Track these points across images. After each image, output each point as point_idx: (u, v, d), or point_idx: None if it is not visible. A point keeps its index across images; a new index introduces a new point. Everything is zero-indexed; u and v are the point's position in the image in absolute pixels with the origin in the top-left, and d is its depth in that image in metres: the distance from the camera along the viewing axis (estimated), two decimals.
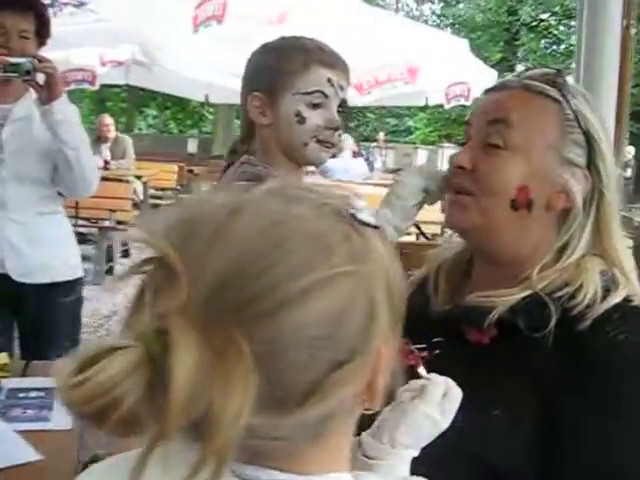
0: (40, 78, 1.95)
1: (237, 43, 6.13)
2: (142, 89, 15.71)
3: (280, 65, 1.33)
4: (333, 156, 7.25)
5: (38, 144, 2.02)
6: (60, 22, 5.52)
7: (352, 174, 6.85)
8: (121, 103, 21.81)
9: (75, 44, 6.52)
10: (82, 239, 5.11)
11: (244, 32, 5.84)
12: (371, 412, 0.60)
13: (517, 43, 20.59)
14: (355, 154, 9.19)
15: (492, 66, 11.29)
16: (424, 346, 0.97)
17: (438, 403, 0.76)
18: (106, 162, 6.92)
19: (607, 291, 0.88)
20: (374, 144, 15.04)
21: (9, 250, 1.88)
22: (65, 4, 5.79)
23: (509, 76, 1.03)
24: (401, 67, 7.02)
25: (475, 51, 9.12)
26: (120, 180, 5.87)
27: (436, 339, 0.97)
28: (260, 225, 0.50)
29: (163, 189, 8.67)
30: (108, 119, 7.37)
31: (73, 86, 8.97)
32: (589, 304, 0.86)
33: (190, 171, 8.83)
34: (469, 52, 8.00)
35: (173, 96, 14.69)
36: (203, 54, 6.62)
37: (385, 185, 6.56)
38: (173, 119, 22.91)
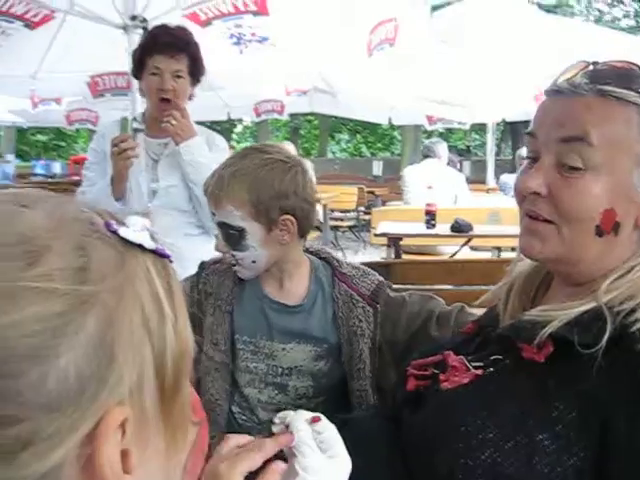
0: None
1: (411, 64, 6.19)
2: (333, 116, 16.31)
3: None
4: (511, 172, 6.99)
5: (184, 178, 2.19)
6: (247, 58, 5.88)
7: None
8: (314, 130, 22.70)
9: (262, 77, 6.92)
10: None
11: (416, 52, 5.88)
12: None
13: None
14: None
15: None
16: (481, 364, 0.93)
17: (312, 447, 0.77)
18: None
19: None
20: None
21: None
22: (250, 41, 6.12)
23: (577, 74, 0.88)
24: None
25: None
26: None
27: (494, 357, 0.92)
28: None
29: (344, 211, 8.89)
30: (288, 146, 7.71)
31: (264, 117, 9.52)
32: None
33: (371, 192, 8.98)
34: None
35: (363, 120, 15.02)
36: (380, 77, 6.73)
37: None
38: (364, 143, 23.43)
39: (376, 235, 4.54)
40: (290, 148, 7.74)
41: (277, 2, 4.89)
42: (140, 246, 0.45)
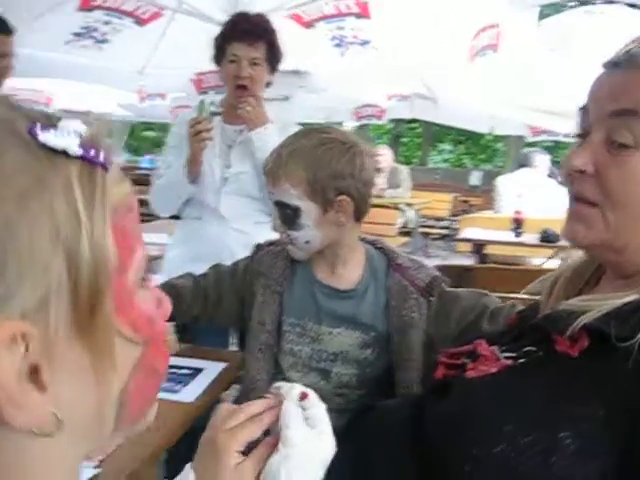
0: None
1: (514, 72, 6.03)
2: (437, 124, 16.12)
3: None
4: None
5: (256, 166, 2.21)
6: (348, 61, 5.91)
7: None
8: (416, 138, 22.51)
9: (363, 80, 6.93)
10: None
11: (520, 60, 5.73)
12: None
13: None
14: None
15: None
16: (513, 355, 0.88)
17: (298, 416, 0.75)
18: (381, 190, 7.23)
19: None
20: None
21: (228, 256, 2.06)
22: (351, 43, 6.16)
23: (637, 46, 0.81)
24: None
25: None
26: (389, 207, 6.09)
27: (527, 348, 0.86)
28: None
29: (437, 219, 8.76)
30: (383, 150, 7.72)
31: (364, 121, 9.53)
32: None
33: (465, 201, 8.83)
34: None
35: (467, 130, 14.77)
36: (482, 85, 6.61)
37: None
38: (467, 154, 23.06)
39: (459, 240, 4.45)
40: (386, 152, 7.74)
41: (379, 5, 4.89)
42: (65, 152, 0.42)
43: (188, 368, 1.56)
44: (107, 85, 6.62)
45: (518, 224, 4.26)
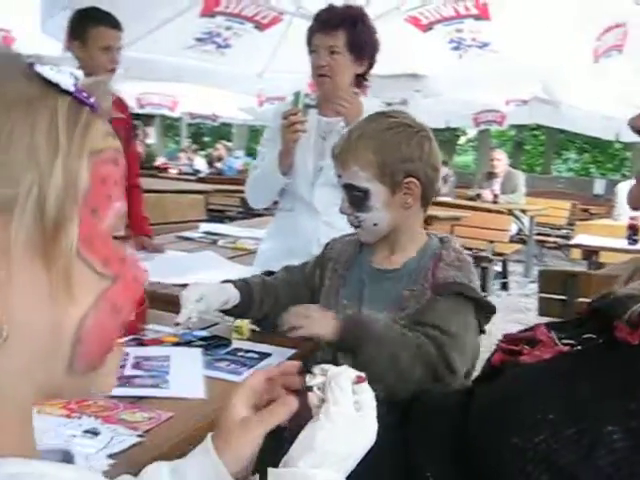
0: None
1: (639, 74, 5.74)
2: (562, 131, 15.55)
3: None
4: None
5: None
6: (466, 64, 5.83)
7: None
8: (540, 146, 21.81)
9: (481, 84, 6.79)
10: None
11: None
12: None
13: None
14: None
15: None
16: (572, 341, 0.84)
17: (349, 396, 0.71)
18: (495, 196, 7.08)
19: None
20: None
21: (317, 250, 2.06)
22: (469, 46, 6.07)
23: None
24: None
25: None
26: (502, 212, 5.94)
27: (587, 335, 0.83)
28: None
29: (556, 227, 8.41)
30: (499, 154, 7.54)
31: (483, 126, 9.33)
32: None
33: (585, 210, 8.46)
34: None
35: (594, 138, 14.17)
36: (606, 88, 6.34)
37: None
38: (593, 162, 22.11)
39: (571, 246, 4.28)
40: (502, 156, 7.56)
41: (500, 6, 4.78)
42: (58, 86, 0.46)
43: (256, 352, 1.58)
44: (228, 89, 6.82)
45: (634, 231, 4.05)
